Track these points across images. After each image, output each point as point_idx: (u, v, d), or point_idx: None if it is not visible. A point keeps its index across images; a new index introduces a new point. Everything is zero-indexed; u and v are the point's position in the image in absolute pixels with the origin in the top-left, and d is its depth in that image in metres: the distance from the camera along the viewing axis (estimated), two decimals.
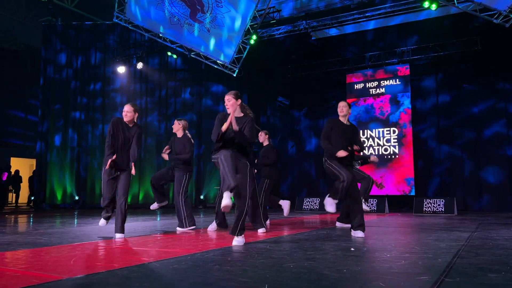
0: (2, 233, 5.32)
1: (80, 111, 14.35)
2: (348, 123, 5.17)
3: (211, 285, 2.33)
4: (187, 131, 5.98)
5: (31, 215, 9.70)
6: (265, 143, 6.64)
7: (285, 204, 6.48)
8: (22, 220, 8.22)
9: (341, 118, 5.14)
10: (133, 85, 14.47)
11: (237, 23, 11.35)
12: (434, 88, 11.87)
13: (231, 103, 4.31)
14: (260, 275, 2.59)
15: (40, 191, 14.16)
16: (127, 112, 4.84)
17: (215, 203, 13.74)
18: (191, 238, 4.73)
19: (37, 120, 14.76)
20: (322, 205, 11.12)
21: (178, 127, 5.92)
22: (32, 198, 14.82)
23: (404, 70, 11.69)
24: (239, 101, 4.36)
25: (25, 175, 16.68)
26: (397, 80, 11.72)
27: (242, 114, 4.42)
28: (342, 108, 5.12)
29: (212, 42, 12.01)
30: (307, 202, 11.50)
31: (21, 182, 15.51)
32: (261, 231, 5.28)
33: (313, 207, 11.32)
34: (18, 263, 3.13)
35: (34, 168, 15.15)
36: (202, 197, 13.69)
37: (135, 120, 4.94)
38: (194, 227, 5.77)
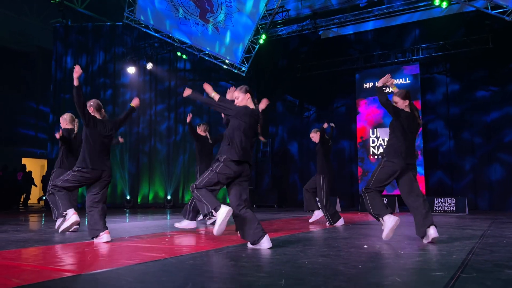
0: (18, 231, 5.39)
1: None
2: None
3: (228, 279, 2.35)
4: None
5: (43, 214, 9.81)
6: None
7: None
8: (34, 219, 8.31)
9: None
10: (142, 85, 14.57)
11: (246, 23, 11.38)
12: (444, 87, 11.79)
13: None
14: (276, 271, 2.61)
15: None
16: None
17: (225, 202, 13.79)
18: (202, 235, 4.77)
19: (48, 121, 14.89)
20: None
21: None
22: (44, 198, 14.97)
23: (414, 68, 11.62)
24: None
25: (37, 176, 16.85)
26: (407, 78, 11.66)
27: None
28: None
29: (221, 42, 12.05)
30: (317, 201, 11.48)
31: (33, 183, 15.64)
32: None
33: None
34: (36, 259, 3.18)
35: (46, 169, 15.29)
36: None
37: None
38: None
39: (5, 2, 15.25)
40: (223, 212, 3.45)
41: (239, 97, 3.97)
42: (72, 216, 4.59)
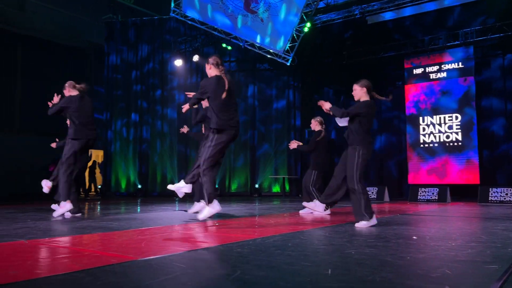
0: (77, 218, 5.74)
1: (141, 106, 15.02)
2: None
3: (274, 268, 2.40)
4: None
5: (99, 203, 10.35)
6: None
7: None
8: (91, 207, 8.79)
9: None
10: (189, 77, 14.90)
11: (291, 12, 11.30)
12: (501, 71, 11.18)
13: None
14: (322, 260, 2.63)
15: (107, 180, 15.19)
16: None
17: (270, 191, 13.91)
18: (248, 224, 4.86)
19: (102, 115, 15.66)
20: (379, 194, 10.93)
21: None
22: (99, 186, 15.80)
23: (467, 52, 11.09)
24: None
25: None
26: (460, 63, 11.15)
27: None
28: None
29: (266, 32, 12.05)
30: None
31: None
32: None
33: (370, 196, 11.12)
34: (95, 245, 3.39)
35: (95, 159, 16.13)
36: (257, 185, 13.87)
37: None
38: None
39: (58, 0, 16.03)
40: None
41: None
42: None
